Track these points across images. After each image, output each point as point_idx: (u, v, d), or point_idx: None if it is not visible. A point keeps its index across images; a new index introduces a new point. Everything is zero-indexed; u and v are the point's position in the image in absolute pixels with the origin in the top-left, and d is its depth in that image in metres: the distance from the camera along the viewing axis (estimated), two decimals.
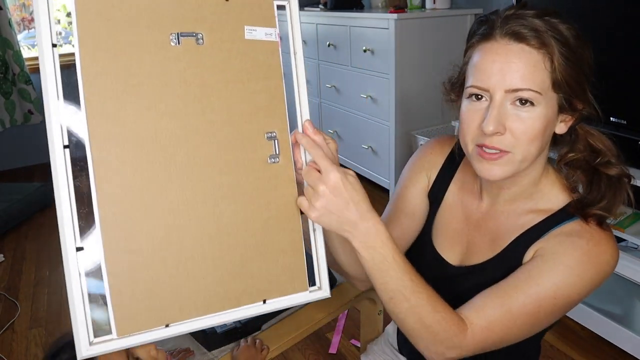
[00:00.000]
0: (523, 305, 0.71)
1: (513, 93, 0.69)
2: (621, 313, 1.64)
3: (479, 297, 0.74)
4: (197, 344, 1.12)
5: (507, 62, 0.68)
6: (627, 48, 1.53)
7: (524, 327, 0.73)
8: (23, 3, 3.73)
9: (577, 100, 0.72)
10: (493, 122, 0.68)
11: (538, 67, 0.68)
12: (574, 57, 0.70)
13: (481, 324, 0.71)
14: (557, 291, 0.71)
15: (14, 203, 2.80)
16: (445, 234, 0.88)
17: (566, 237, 0.73)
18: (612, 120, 1.58)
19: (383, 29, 2.51)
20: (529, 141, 0.70)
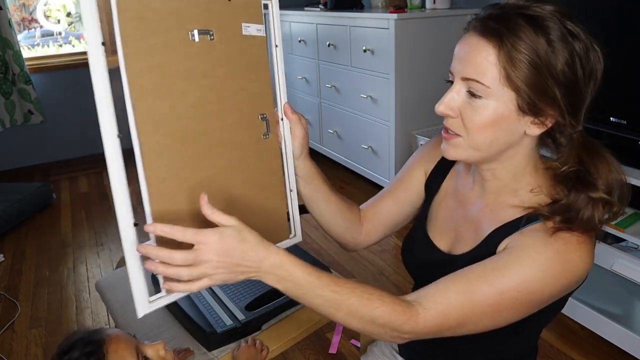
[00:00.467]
0: (484, 295, 0.71)
1: (467, 82, 0.73)
2: (621, 313, 1.64)
3: (442, 281, 0.74)
4: (197, 344, 1.13)
5: (468, 52, 0.72)
6: (627, 48, 1.53)
7: (483, 317, 0.72)
8: (23, 3, 3.73)
9: (544, 105, 0.71)
10: (442, 104, 0.75)
11: (491, 62, 0.70)
12: (536, 58, 0.69)
13: (437, 308, 0.72)
14: (521, 284, 0.71)
15: (14, 203, 2.80)
16: (438, 222, 0.92)
17: (538, 233, 0.73)
18: (612, 120, 1.58)
19: (383, 29, 2.52)
20: (476, 130, 0.73)
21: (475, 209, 0.85)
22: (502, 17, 0.70)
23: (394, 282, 2.12)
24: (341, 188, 3.13)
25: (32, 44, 3.74)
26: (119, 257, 2.20)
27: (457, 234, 0.87)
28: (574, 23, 0.72)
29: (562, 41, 0.69)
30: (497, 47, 0.69)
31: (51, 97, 3.64)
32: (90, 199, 3.20)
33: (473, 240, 0.83)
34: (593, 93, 0.75)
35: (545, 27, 0.69)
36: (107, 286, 1.41)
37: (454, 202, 0.90)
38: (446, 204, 0.92)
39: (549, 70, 0.69)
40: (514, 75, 0.69)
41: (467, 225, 0.86)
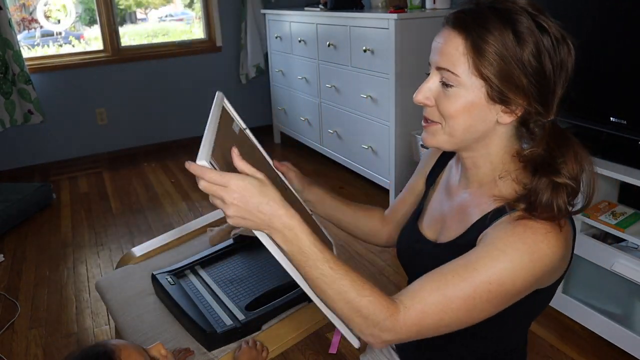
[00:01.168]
0: (459, 290, 0.72)
1: (440, 71, 0.77)
2: (621, 313, 1.63)
3: (417, 281, 0.76)
4: (197, 344, 1.13)
5: (442, 43, 0.77)
6: (626, 48, 1.53)
7: (459, 312, 0.73)
8: (23, 3, 3.73)
9: (512, 94, 0.75)
10: (419, 93, 0.79)
11: (460, 52, 0.74)
12: (503, 49, 0.73)
13: (416, 307, 0.72)
14: (491, 277, 0.72)
15: (14, 203, 2.80)
16: (429, 214, 0.96)
17: (508, 224, 0.75)
18: (612, 120, 1.58)
19: (383, 29, 2.51)
20: (451, 117, 0.77)
21: (460, 199, 0.89)
22: (473, 10, 0.75)
23: (394, 282, 2.12)
24: (341, 188, 3.13)
25: (32, 44, 3.74)
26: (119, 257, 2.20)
27: (443, 224, 0.91)
28: (546, 17, 0.76)
29: (530, 33, 0.73)
30: (465, 38, 0.74)
31: (51, 97, 3.64)
32: (90, 199, 3.20)
33: (456, 230, 0.86)
34: (565, 85, 0.77)
35: (514, 20, 0.73)
36: (107, 286, 1.41)
37: (444, 194, 0.94)
38: (437, 196, 0.97)
39: (515, 61, 0.73)
40: (482, 65, 0.73)
41: (452, 215, 0.89)
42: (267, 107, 4.30)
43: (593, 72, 1.66)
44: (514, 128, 0.80)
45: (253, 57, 4.06)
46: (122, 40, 3.86)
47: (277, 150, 3.96)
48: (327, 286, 0.72)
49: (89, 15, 3.87)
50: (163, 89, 3.98)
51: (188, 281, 1.31)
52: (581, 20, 1.67)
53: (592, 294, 1.71)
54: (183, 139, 4.15)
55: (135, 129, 3.98)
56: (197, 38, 4.12)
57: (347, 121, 3.02)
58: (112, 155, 3.96)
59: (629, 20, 1.52)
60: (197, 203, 3.00)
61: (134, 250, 1.59)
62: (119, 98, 3.86)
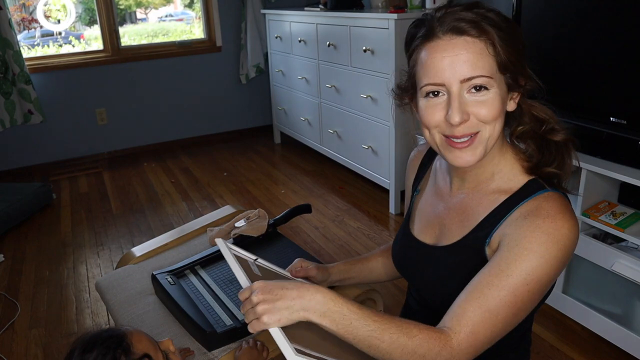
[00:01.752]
0: (499, 300, 0.73)
1: (467, 82, 0.74)
2: (621, 313, 1.63)
3: (457, 305, 0.75)
4: (197, 344, 1.13)
5: (455, 54, 0.74)
6: (626, 48, 1.53)
7: (507, 320, 0.74)
8: (23, 3, 3.72)
9: (521, 77, 0.78)
10: (458, 112, 0.75)
11: (483, 54, 0.74)
12: (510, 38, 0.76)
13: (465, 330, 0.73)
14: (527, 277, 0.73)
15: (14, 203, 2.80)
16: (422, 218, 0.96)
17: (524, 220, 0.76)
18: (612, 120, 1.58)
19: (383, 29, 2.52)
20: (494, 120, 0.77)
21: (456, 200, 0.89)
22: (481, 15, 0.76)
23: (394, 282, 2.12)
24: (341, 188, 3.13)
25: (32, 44, 3.74)
26: (119, 257, 2.20)
27: (441, 227, 0.91)
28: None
29: (506, 19, 0.77)
30: (485, 40, 0.74)
31: (51, 97, 3.64)
32: (90, 199, 3.20)
33: (459, 231, 0.86)
34: None
35: (492, 10, 0.77)
36: (107, 286, 1.41)
37: (434, 197, 0.94)
38: (426, 200, 0.96)
39: (517, 44, 0.77)
40: (503, 57, 0.75)
41: (450, 218, 0.89)
42: (267, 107, 4.30)
43: (593, 72, 1.66)
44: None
45: (253, 57, 4.06)
46: (122, 40, 3.86)
47: (277, 150, 3.97)
48: (379, 341, 0.71)
49: (89, 15, 3.87)
50: (163, 89, 3.98)
51: (188, 281, 1.31)
52: (581, 20, 1.67)
53: (592, 294, 1.71)
54: (183, 139, 4.15)
55: (135, 129, 3.98)
56: (197, 38, 4.12)
57: (347, 121, 3.02)
58: (112, 155, 3.96)
59: (629, 20, 1.52)
60: (197, 203, 3.00)
61: (134, 250, 1.59)
62: (119, 98, 3.86)
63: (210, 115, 4.18)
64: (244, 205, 2.88)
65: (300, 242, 2.45)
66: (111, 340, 0.81)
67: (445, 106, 0.76)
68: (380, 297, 1.29)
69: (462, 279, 0.84)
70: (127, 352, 0.80)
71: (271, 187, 3.23)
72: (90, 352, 0.79)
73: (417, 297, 1.00)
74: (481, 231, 0.82)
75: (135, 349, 0.81)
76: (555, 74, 1.75)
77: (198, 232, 1.65)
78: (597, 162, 1.60)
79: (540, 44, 1.81)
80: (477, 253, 0.82)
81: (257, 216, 1.54)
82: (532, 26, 1.84)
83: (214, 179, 3.38)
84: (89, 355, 0.79)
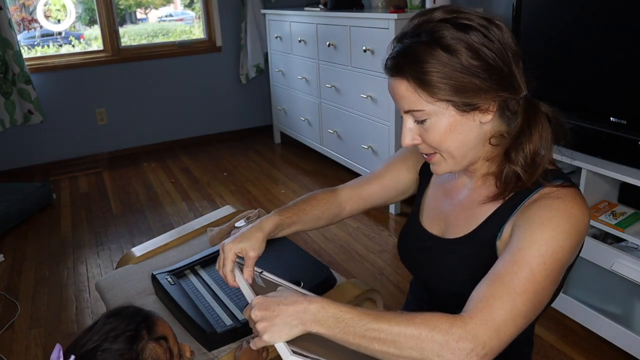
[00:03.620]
0: (517, 276, 0.70)
1: (409, 113, 0.81)
2: (621, 313, 1.63)
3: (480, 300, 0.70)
4: (197, 344, 1.13)
5: (393, 91, 0.82)
6: (626, 48, 1.53)
7: (527, 297, 0.70)
8: (23, 3, 3.72)
9: (476, 98, 0.77)
10: (405, 139, 0.85)
11: (409, 90, 0.78)
12: (443, 68, 0.75)
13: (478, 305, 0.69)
14: (541, 249, 0.72)
15: (14, 203, 2.80)
16: (430, 210, 0.98)
17: (534, 203, 0.78)
18: (612, 120, 1.58)
19: (383, 29, 2.52)
20: (442, 143, 0.81)
21: (462, 195, 0.91)
22: (399, 51, 0.79)
23: (394, 282, 2.12)
24: None
25: (32, 44, 3.74)
26: (119, 257, 2.20)
27: (447, 221, 0.92)
28: (465, 12, 0.77)
29: (457, 41, 0.75)
30: (406, 80, 0.78)
31: (51, 97, 3.64)
32: (90, 199, 3.20)
33: (466, 225, 0.87)
34: (518, 60, 0.79)
35: (438, 37, 0.76)
36: (107, 286, 1.41)
37: (441, 192, 0.96)
38: (434, 194, 0.98)
39: (459, 72, 0.75)
40: (434, 93, 0.76)
41: (457, 212, 0.90)
42: (267, 107, 4.30)
43: (593, 72, 1.66)
44: (497, 115, 0.81)
45: (253, 57, 4.06)
46: (122, 40, 3.86)
47: (277, 150, 3.97)
48: (377, 332, 0.68)
49: (89, 15, 3.87)
50: (163, 89, 3.98)
51: (188, 281, 1.31)
52: (581, 19, 1.67)
53: (592, 294, 1.71)
54: (183, 139, 4.15)
55: (135, 129, 3.98)
56: (197, 38, 4.12)
57: (347, 121, 3.02)
58: (112, 155, 3.96)
59: (628, 20, 1.52)
60: (197, 203, 3.00)
61: (134, 250, 1.59)
62: (119, 98, 3.86)
63: (210, 115, 4.18)
64: (244, 205, 2.88)
65: (300, 242, 2.45)
66: (138, 314, 0.85)
67: None
68: (380, 297, 1.29)
69: (471, 271, 0.84)
70: (150, 329, 0.83)
71: (271, 187, 3.23)
72: (116, 317, 0.84)
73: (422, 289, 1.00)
74: (491, 224, 0.83)
75: (157, 330, 0.84)
76: (555, 73, 1.75)
77: (198, 232, 1.65)
78: (597, 162, 1.60)
79: (540, 44, 1.81)
80: (488, 246, 0.82)
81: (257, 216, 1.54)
82: (532, 26, 1.84)
83: (214, 179, 3.38)
84: (114, 319, 0.83)
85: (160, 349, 0.83)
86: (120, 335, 0.80)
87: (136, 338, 0.81)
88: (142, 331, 0.82)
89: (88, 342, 0.80)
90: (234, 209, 1.79)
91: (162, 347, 0.83)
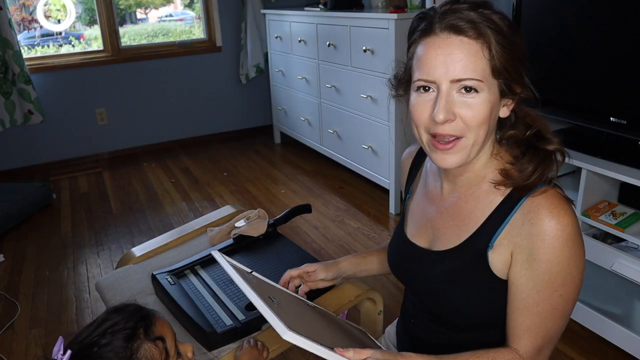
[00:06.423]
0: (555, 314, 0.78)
1: (458, 83, 0.74)
2: (621, 313, 1.63)
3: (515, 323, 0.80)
4: (197, 344, 1.13)
5: (449, 54, 0.73)
6: (627, 48, 1.53)
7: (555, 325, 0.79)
8: (23, 3, 3.72)
9: (516, 85, 0.77)
10: (443, 111, 0.74)
11: (478, 57, 0.73)
12: (509, 44, 0.74)
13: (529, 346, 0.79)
14: (554, 285, 0.76)
15: (14, 203, 2.80)
16: (415, 222, 0.95)
17: (531, 227, 0.76)
18: (612, 120, 1.58)
19: (383, 29, 2.52)
20: (479, 125, 0.76)
21: (449, 203, 0.88)
22: (469, 10, 0.74)
23: (394, 282, 2.12)
24: (341, 188, 3.13)
25: (32, 44, 3.74)
26: (119, 257, 2.20)
27: (434, 230, 0.90)
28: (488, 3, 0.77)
29: (508, 22, 0.75)
30: (482, 42, 0.73)
31: (51, 97, 3.64)
32: (90, 199, 3.20)
33: (455, 236, 0.85)
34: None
35: (498, 13, 0.75)
36: (107, 286, 1.41)
37: (426, 201, 0.93)
38: (418, 204, 0.96)
39: (516, 51, 0.75)
40: (498, 62, 0.74)
41: (443, 221, 0.88)
42: (267, 107, 4.30)
43: (593, 72, 1.66)
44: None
45: (253, 57, 4.06)
46: (122, 40, 3.86)
47: (277, 150, 3.97)
48: None
49: (89, 15, 3.87)
50: (163, 89, 3.98)
51: (188, 281, 1.31)
52: (581, 20, 1.67)
53: (592, 294, 1.71)
54: (183, 139, 4.15)
55: (135, 129, 3.98)
56: (197, 38, 4.12)
57: (347, 121, 3.02)
58: (112, 155, 3.96)
59: (629, 20, 1.52)
60: (197, 203, 3.00)
61: (134, 250, 1.59)
62: (119, 98, 3.86)
63: (210, 115, 4.18)
64: (244, 205, 2.88)
65: (300, 242, 2.45)
66: (138, 313, 0.85)
67: (433, 103, 0.76)
68: (380, 297, 1.29)
69: (463, 284, 0.83)
70: (147, 329, 0.83)
71: (271, 187, 3.23)
72: (116, 314, 0.84)
73: (414, 299, 1.00)
74: (482, 235, 0.81)
75: (155, 330, 0.85)
76: (556, 73, 1.75)
77: (198, 232, 1.65)
78: (597, 162, 1.60)
79: (540, 44, 1.81)
80: (479, 258, 0.81)
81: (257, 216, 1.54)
82: (532, 26, 1.84)
83: (214, 179, 3.38)
84: (115, 315, 0.84)
85: (156, 350, 0.83)
86: (118, 333, 0.81)
87: (132, 337, 0.81)
88: (139, 330, 0.82)
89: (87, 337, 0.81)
90: (234, 209, 1.79)
91: (158, 347, 0.83)
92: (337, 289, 1.24)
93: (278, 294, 0.95)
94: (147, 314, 0.86)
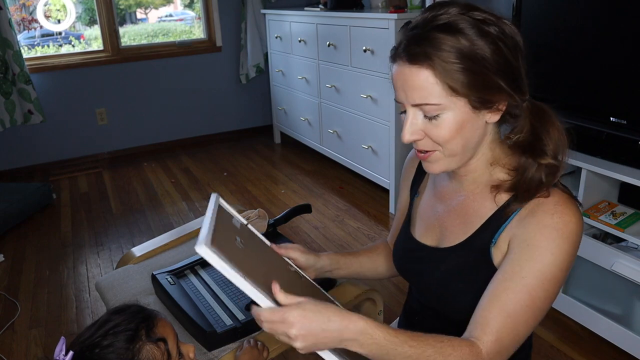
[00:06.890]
0: (517, 303, 0.74)
1: (418, 107, 0.77)
2: (621, 313, 1.63)
3: (478, 314, 0.77)
4: (197, 344, 1.13)
5: (405, 81, 0.76)
6: (627, 48, 1.53)
7: (527, 322, 0.76)
8: (23, 3, 3.73)
9: (492, 96, 0.76)
10: (407, 133, 0.80)
11: (429, 82, 0.74)
12: (467, 61, 0.73)
13: (491, 338, 0.74)
14: (541, 276, 0.75)
15: (14, 203, 2.80)
16: (422, 221, 0.96)
17: (532, 217, 0.77)
18: (612, 120, 1.58)
19: (383, 29, 2.52)
20: (447, 141, 0.78)
21: (456, 202, 0.89)
22: (420, 37, 0.74)
23: (394, 282, 2.12)
24: (341, 188, 3.13)
25: (32, 44, 3.74)
26: (119, 257, 2.20)
27: (442, 228, 0.91)
28: (479, 10, 0.76)
29: (480, 34, 0.73)
30: (430, 67, 0.73)
31: (51, 97, 3.64)
32: (90, 199, 3.20)
33: (461, 232, 0.86)
34: (524, 62, 0.78)
35: (460, 29, 0.73)
36: (107, 286, 1.41)
37: (434, 199, 0.94)
38: (426, 202, 0.97)
39: (482, 66, 0.73)
40: (456, 85, 0.73)
41: (451, 219, 0.89)
42: (267, 107, 4.30)
43: (593, 72, 1.66)
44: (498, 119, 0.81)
45: (253, 57, 4.06)
46: (122, 40, 3.86)
47: (277, 150, 3.97)
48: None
49: (89, 15, 3.87)
50: (163, 89, 3.98)
51: (188, 281, 1.31)
52: (581, 19, 1.67)
53: (592, 294, 1.71)
54: (183, 139, 4.16)
55: (135, 129, 3.98)
56: (197, 38, 4.12)
57: (347, 121, 3.02)
58: (112, 155, 3.96)
59: (629, 19, 1.52)
60: (197, 203, 3.00)
61: (134, 250, 1.59)
62: (119, 98, 3.86)
63: (210, 115, 4.18)
64: (244, 205, 2.88)
65: (300, 242, 2.45)
66: (140, 314, 0.86)
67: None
68: (380, 297, 1.29)
69: (467, 280, 0.84)
70: (149, 330, 0.84)
71: (271, 187, 3.23)
72: (119, 314, 0.84)
73: (420, 298, 1.00)
74: (486, 232, 0.82)
75: (157, 331, 0.85)
76: (556, 73, 1.75)
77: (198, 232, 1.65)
78: (597, 162, 1.60)
79: (540, 44, 1.81)
80: (483, 254, 0.82)
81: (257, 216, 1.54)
82: (532, 26, 1.84)
83: (214, 179, 3.38)
84: (117, 316, 0.84)
85: (158, 351, 0.83)
86: (119, 334, 0.81)
87: (134, 338, 0.81)
88: (140, 331, 0.82)
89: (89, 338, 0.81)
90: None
91: (159, 348, 0.83)
92: (337, 289, 1.24)
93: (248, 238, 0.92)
94: (149, 315, 0.86)
